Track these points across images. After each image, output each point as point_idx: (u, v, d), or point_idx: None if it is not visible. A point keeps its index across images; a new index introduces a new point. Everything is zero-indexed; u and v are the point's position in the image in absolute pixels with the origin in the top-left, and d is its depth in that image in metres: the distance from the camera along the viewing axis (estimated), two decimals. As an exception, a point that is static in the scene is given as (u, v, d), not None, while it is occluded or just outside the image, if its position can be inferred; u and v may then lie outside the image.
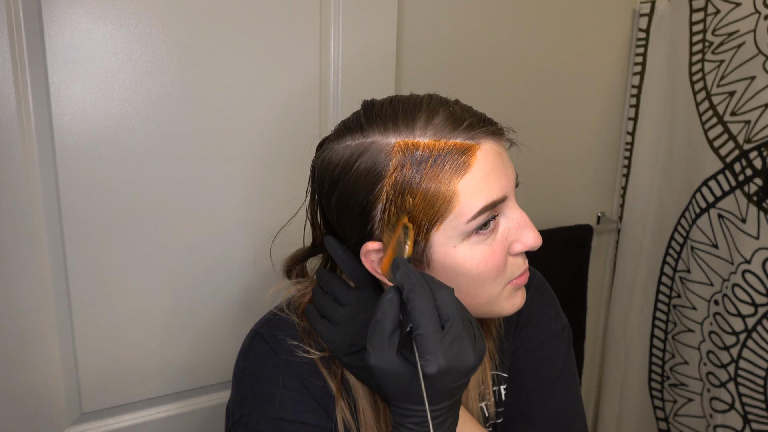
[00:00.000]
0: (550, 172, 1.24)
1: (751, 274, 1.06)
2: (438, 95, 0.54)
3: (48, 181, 0.75)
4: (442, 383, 0.45)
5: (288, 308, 0.63)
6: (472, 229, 0.51)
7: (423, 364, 0.44)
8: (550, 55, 1.17)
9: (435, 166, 0.49)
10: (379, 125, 0.52)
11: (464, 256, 0.52)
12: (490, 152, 0.51)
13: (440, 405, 0.47)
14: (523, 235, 0.54)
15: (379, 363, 0.46)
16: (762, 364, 1.08)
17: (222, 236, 0.87)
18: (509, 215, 0.54)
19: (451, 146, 0.50)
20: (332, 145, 0.55)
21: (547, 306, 0.70)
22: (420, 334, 0.44)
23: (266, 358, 0.59)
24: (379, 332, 0.46)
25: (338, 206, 0.54)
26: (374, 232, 0.53)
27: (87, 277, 0.79)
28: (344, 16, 0.88)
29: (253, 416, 0.57)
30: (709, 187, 1.13)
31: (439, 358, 0.44)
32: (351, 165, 0.52)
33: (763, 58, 1.01)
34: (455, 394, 0.48)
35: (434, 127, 0.50)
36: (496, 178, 0.51)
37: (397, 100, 0.53)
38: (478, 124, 0.51)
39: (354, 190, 0.52)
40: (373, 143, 0.51)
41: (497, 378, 0.66)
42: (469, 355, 0.45)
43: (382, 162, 0.50)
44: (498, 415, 0.66)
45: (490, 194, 0.51)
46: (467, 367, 0.45)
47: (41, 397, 0.81)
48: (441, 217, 0.50)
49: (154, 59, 0.77)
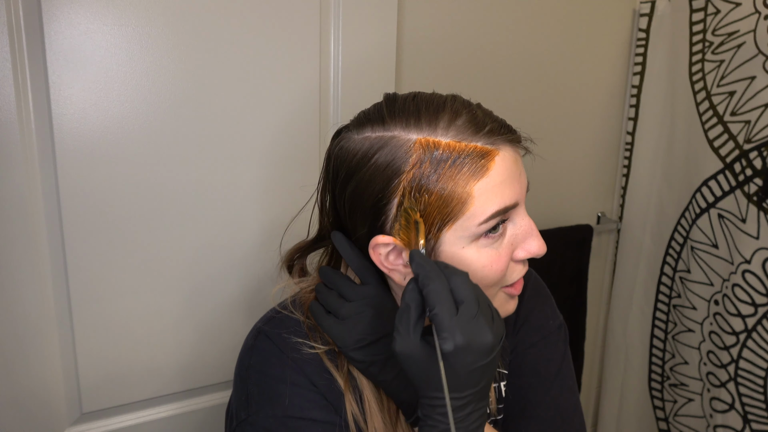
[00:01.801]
0: (550, 172, 1.24)
1: (751, 274, 1.06)
2: (461, 97, 0.55)
3: (48, 181, 0.75)
4: (462, 362, 0.46)
5: (292, 306, 0.63)
6: (482, 232, 0.52)
7: (440, 342, 0.45)
8: (550, 55, 1.17)
9: (453, 167, 0.50)
10: (401, 120, 0.52)
11: (471, 257, 0.53)
12: (507, 159, 0.52)
13: (465, 392, 0.47)
14: (528, 243, 0.55)
15: (404, 348, 0.47)
16: (762, 364, 1.08)
17: (222, 236, 0.87)
18: (517, 222, 0.55)
19: (471, 149, 0.51)
20: (351, 135, 0.55)
21: (543, 304, 0.71)
22: (436, 314, 0.46)
23: (272, 356, 0.59)
24: (405, 319, 0.48)
25: (352, 197, 0.55)
26: (385, 226, 0.54)
27: (87, 277, 0.79)
28: (344, 16, 0.88)
29: (261, 415, 0.57)
30: (709, 187, 1.13)
31: (455, 334, 0.45)
32: (370, 157, 0.52)
33: (763, 58, 1.01)
34: (479, 379, 0.48)
35: (456, 128, 0.51)
36: (511, 184, 0.52)
37: (420, 97, 0.54)
38: (499, 130, 0.52)
39: (371, 183, 0.52)
40: (394, 137, 0.52)
41: (498, 375, 0.67)
42: (486, 333, 0.46)
43: (401, 157, 0.51)
44: (499, 411, 0.67)
45: (503, 199, 0.52)
46: (485, 344, 0.46)
47: (41, 397, 0.81)
48: (454, 218, 0.51)
49: (154, 59, 0.77)
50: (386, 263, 0.55)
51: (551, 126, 1.22)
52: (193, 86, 0.80)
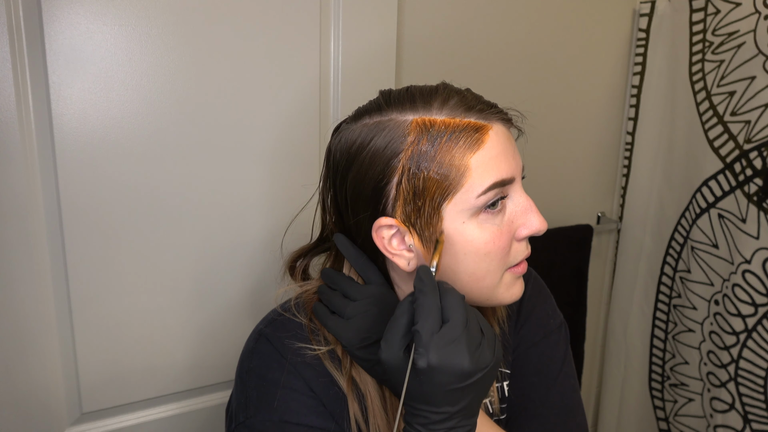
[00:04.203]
0: (550, 171, 1.24)
1: (751, 274, 1.06)
2: (452, 84, 0.57)
3: (48, 181, 0.75)
4: (436, 382, 0.46)
5: (295, 308, 0.63)
6: (481, 205, 0.53)
7: (415, 357, 0.47)
8: (550, 55, 1.17)
9: (450, 141, 0.52)
10: (397, 106, 0.54)
11: (473, 233, 0.53)
12: (501, 134, 0.54)
13: (441, 408, 0.48)
14: (529, 220, 0.56)
15: (387, 357, 0.49)
16: (762, 364, 1.08)
17: (222, 236, 0.87)
18: (516, 199, 0.56)
19: (465, 124, 0.52)
20: (350, 126, 0.57)
21: (544, 303, 0.72)
22: (416, 330, 0.47)
23: (272, 360, 0.59)
24: (395, 329, 0.49)
25: (353, 184, 0.56)
26: (387, 207, 0.54)
27: (87, 277, 0.79)
28: (344, 15, 0.88)
29: (258, 418, 0.58)
30: (709, 187, 1.13)
31: (430, 353, 0.46)
32: (369, 141, 0.54)
33: (763, 58, 1.01)
34: (459, 399, 0.48)
35: (449, 107, 0.53)
36: (506, 158, 0.54)
37: (414, 87, 0.57)
38: (490, 108, 0.54)
39: (371, 166, 0.54)
40: (391, 120, 0.54)
41: (500, 374, 0.68)
42: (463, 358, 0.46)
43: (399, 137, 0.53)
44: (502, 411, 0.67)
45: (499, 172, 0.53)
46: (460, 368, 0.46)
47: (41, 397, 0.81)
48: (453, 191, 0.52)
49: (154, 59, 0.77)
50: (390, 248, 0.56)
51: (551, 126, 1.22)
52: (193, 86, 0.80)
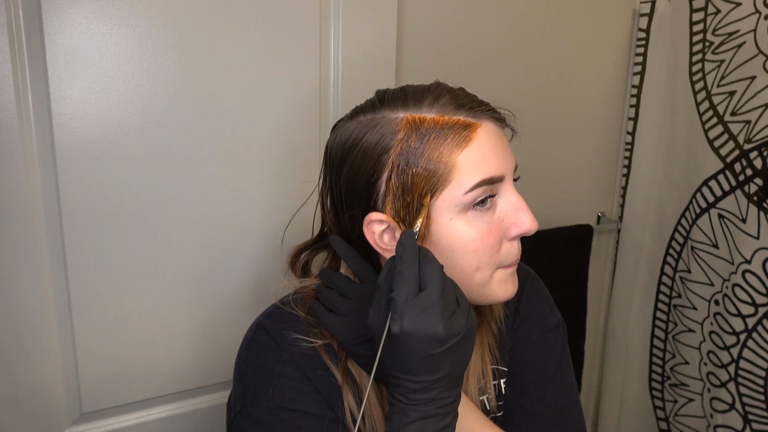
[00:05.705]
0: (550, 171, 1.24)
1: (751, 274, 1.06)
2: (445, 84, 0.58)
3: (48, 181, 0.75)
4: (411, 348, 0.47)
5: (294, 302, 0.64)
6: (469, 202, 0.53)
7: (390, 323, 0.47)
8: (550, 55, 1.17)
9: (438, 138, 0.53)
10: (391, 104, 0.56)
11: (461, 230, 0.54)
12: (490, 132, 0.55)
13: (420, 377, 0.48)
14: (519, 219, 0.56)
15: (373, 322, 0.50)
16: (762, 364, 1.07)
17: (222, 236, 0.87)
18: (506, 197, 0.56)
19: (454, 122, 0.53)
20: (346, 124, 0.59)
21: (542, 302, 0.72)
22: (392, 296, 0.48)
23: (269, 350, 0.60)
24: (378, 296, 0.50)
25: (347, 179, 0.57)
26: (377, 202, 0.55)
27: (87, 277, 0.79)
28: (344, 15, 0.88)
29: (256, 406, 0.58)
30: (709, 187, 1.13)
31: (403, 319, 0.46)
32: (362, 137, 0.55)
33: (763, 58, 1.01)
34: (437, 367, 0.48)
35: (440, 105, 0.54)
36: (495, 156, 0.54)
37: (408, 86, 0.58)
38: (480, 106, 0.55)
39: (363, 160, 0.55)
40: (383, 117, 0.55)
41: (497, 372, 0.68)
42: (437, 324, 0.46)
43: (389, 134, 0.54)
44: (499, 408, 0.68)
45: (488, 170, 0.53)
46: (432, 334, 0.46)
47: (41, 397, 0.81)
48: (441, 187, 0.53)
49: (154, 59, 0.77)
50: (380, 243, 0.57)
51: (551, 126, 1.22)
52: (193, 86, 0.80)
